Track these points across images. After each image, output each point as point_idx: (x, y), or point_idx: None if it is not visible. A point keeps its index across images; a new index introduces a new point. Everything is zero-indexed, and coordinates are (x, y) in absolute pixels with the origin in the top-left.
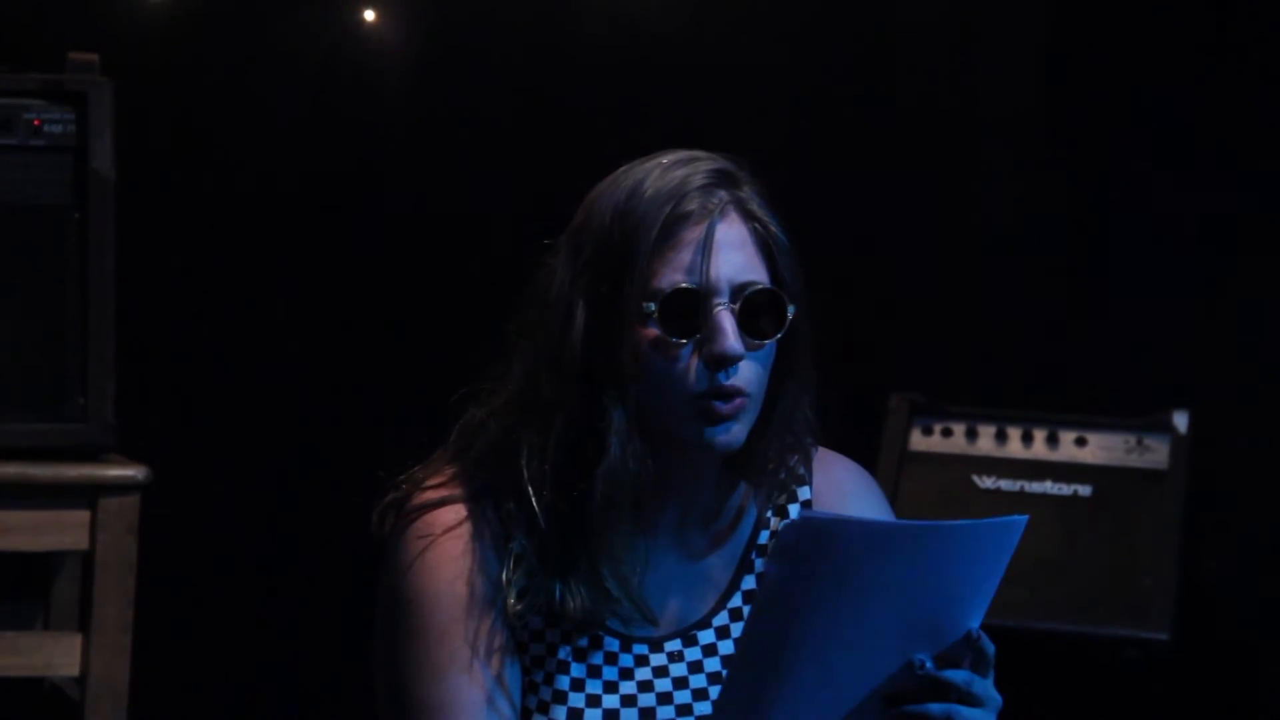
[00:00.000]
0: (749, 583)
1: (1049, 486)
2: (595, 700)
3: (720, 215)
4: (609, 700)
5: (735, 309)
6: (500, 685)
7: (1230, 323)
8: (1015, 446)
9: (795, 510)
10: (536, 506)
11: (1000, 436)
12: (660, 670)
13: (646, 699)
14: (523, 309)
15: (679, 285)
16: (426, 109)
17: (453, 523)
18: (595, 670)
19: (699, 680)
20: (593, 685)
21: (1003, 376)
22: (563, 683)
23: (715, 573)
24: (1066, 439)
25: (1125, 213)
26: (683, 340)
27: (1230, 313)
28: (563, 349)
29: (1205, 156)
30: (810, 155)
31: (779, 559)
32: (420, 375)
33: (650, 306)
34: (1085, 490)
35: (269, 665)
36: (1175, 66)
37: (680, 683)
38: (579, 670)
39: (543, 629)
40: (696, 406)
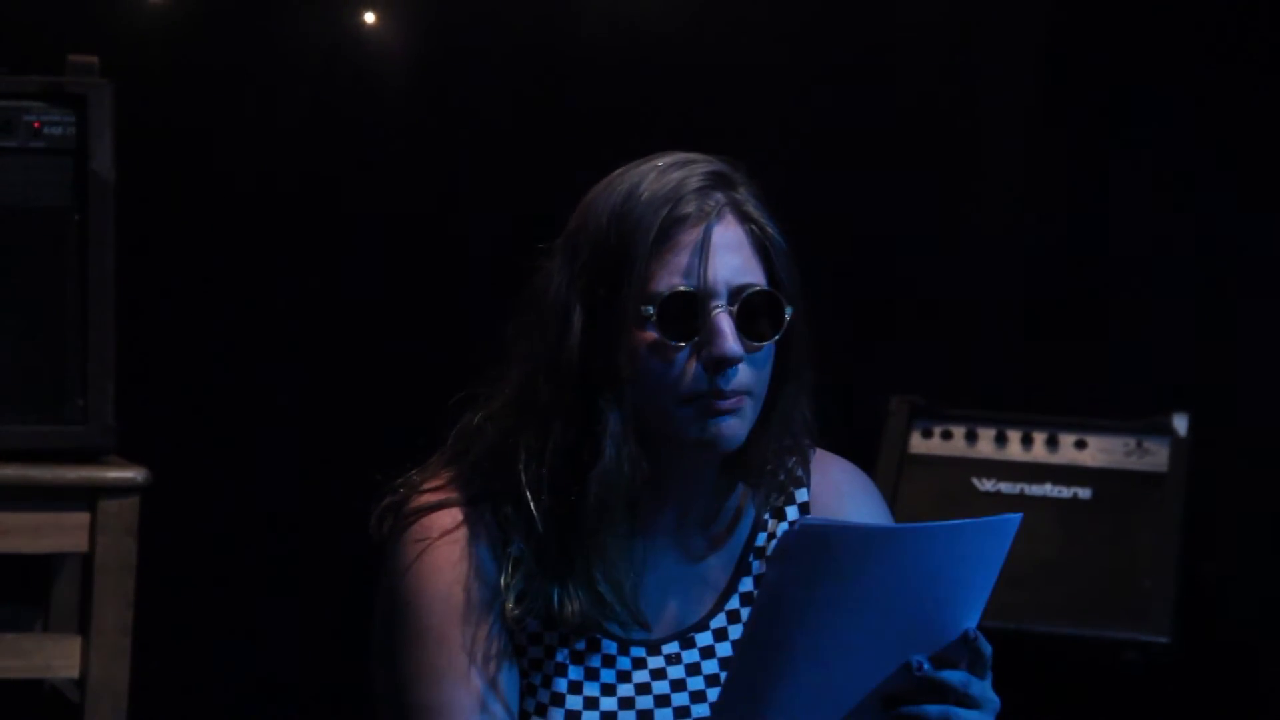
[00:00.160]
0: (746, 585)
1: (1049, 489)
2: (593, 703)
3: (717, 217)
4: (607, 703)
5: (733, 311)
6: (498, 689)
7: (1230, 324)
8: (1015, 449)
9: (793, 512)
10: (534, 510)
11: (1000, 439)
12: (658, 673)
13: (644, 701)
14: (520, 312)
15: (676, 288)
16: (426, 109)
17: (450, 526)
18: (593, 673)
19: (697, 683)
20: (590, 688)
21: (1002, 379)
22: (561, 685)
23: (713, 575)
24: (1066, 442)
25: (1125, 213)
26: (681, 343)
27: (1230, 314)
28: (560, 353)
29: (1205, 157)
30: (810, 155)
31: (778, 564)
32: (419, 376)
33: (648, 310)
34: (1085, 493)
35: (269, 666)
36: (1175, 66)
37: (678, 685)
38: (577, 673)
39: (541, 632)
40: (696, 406)
